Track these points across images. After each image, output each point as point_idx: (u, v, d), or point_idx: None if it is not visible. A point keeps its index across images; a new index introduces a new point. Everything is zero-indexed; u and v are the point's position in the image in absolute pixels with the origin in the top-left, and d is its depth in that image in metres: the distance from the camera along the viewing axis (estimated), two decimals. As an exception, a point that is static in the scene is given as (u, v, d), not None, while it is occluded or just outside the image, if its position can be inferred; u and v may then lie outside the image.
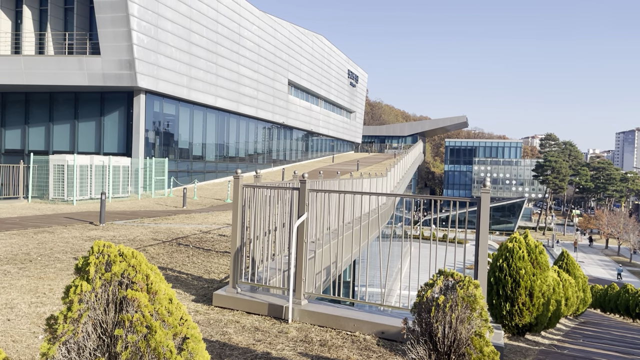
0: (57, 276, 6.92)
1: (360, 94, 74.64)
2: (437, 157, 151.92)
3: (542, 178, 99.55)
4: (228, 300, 6.01)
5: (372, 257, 17.75)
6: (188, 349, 2.33)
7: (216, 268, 8.08)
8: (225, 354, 4.55)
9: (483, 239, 4.95)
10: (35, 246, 9.10)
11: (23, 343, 4.51)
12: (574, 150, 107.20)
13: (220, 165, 35.65)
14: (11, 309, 5.43)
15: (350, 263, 12.63)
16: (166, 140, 29.62)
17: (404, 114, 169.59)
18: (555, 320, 8.67)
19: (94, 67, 24.99)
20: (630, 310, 18.90)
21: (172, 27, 27.62)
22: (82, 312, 2.32)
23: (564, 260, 14.93)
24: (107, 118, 27.58)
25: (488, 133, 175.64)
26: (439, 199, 5.60)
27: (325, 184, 9.53)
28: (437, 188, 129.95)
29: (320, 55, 54.74)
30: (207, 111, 33.15)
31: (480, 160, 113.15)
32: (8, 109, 29.17)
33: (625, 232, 71.98)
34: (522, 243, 7.47)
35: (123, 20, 24.25)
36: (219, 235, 11.37)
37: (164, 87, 27.28)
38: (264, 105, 40.36)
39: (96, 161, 21.52)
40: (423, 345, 3.37)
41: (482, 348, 3.20)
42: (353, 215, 10.08)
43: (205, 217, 15.35)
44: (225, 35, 33.37)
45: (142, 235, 10.83)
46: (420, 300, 3.49)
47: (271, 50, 41.25)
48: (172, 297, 2.47)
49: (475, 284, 3.41)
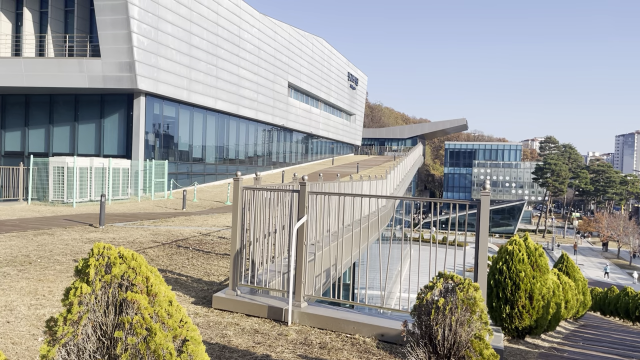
0: (57, 278, 6.92)
1: (360, 97, 74.70)
2: (436, 159, 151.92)
3: (541, 181, 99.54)
4: (228, 302, 6.00)
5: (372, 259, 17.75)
6: (188, 351, 2.33)
7: (216, 270, 8.07)
8: (225, 356, 4.55)
9: (483, 241, 4.95)
10: (35, 248, 9.09)
11: (22, 345, 4.51)
12: (573, 153, 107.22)
13: (220, 168, 35.65)
14: (11, 311, 5.43)
15: (350, 265, 12.62)
16: (166, 142, 29.62)
17: (404, 117, 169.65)
18: (555, 323, 8.66)
19: (94, 69, 25.01)
20: (630, 313, 18.88)
21: (172, 29, 27.65)
22: (82, 314, 2.32)
23: (564, 263, 14.92)
24: (107, 120, 27.59)
25: (488, 136, 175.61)
26: (438, 201, 5.60)
27: (325, 186, 9.53)
28: (436, 190, 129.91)
29: (320, 58, 54.80)
30: (207, 113, 33.17)
31: (480, 163, 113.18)
32: (8, 111, 29.18)
33: (625, 235, 71.96)
34: (522, 246, 7.47)
35: (123, 23, 24.28)
36: (219, 238, 11.36)
37: (164, 89, 27.30)
38: (263, 107, 40.38)
39: (96, 163, 21.52)
40: (423, 347, 3.37)
41: (481, 351, 3.19)
42: (353, 217, 10.08)
43: (205, 220, 15.35)
44: (225, 38, 33.41)
45: (141, 237, 10.82)
46: (420, 303, 3.48)
47: (271, 53, 41.29)
48: (172, 299, 2.47)
49: (475, 286, 3.41)
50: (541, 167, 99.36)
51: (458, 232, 5.83)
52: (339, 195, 6.58)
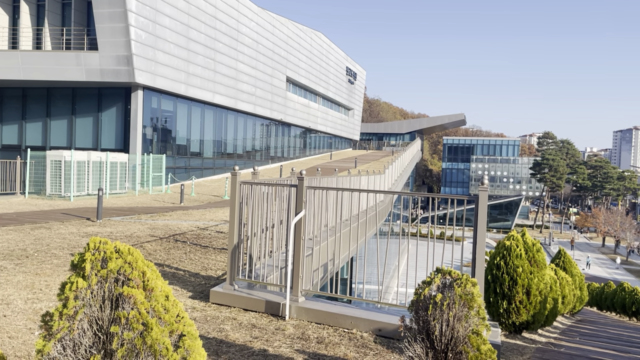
0: (54, 272, 6.90)
1: (359, 91, 74.58)
2: (434, 154, 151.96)
3: (539, 176, 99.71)
4: (225, 297, 6.00)
5: (370, 254, 17.77)
6: (184, 346, 2.32)
7: (213, 265, 8.06)
8: (222, 350, 4.54)
9: (480, 236, 4.94)
10: (32, 242, 9.07)
11: (19, 339, 4.50)
12: (571, 149, 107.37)
13: (218, 162, 35.60)
14: (7, 305, 5.42)
15: (348, 260, 12.63)
16: (164, 136, 29.55)
17: (402, 112, 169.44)
18: (552, 318, 8.68)
19: (91, 62, 24.89)
20: (627, 309, 18.97)
21: (170, 23, 27.52)
22: (78, 308, 2.31)
23: (561, 258, 14.96)
24: (105, 114, 27.50)
25: (486, 131, 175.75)
26: (436, 196, 5.59)
27: (323, 181, 9.52)
28: (434, 186, 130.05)
29: (319, 52, 54.64)
30: (205, 107, 33.09)
31: (478, 158, 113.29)
32: (5, 104, 29.07)
33: (622, 231, 72.18)
34: (520, 241, 7.48)
35: (121, 16, 24.15)
36: (217, 232, 11.35)
37: (162, 83, 27.20)
38: (262, 102, 40.30)
39: (93, 157, 21.46)
40: (420, 343, 3.36)
41: (479, 346, 3.19)
42: (350, 212, 10.08)
43: (203, 214, 15.33)
44: (223, 32, 33.28)
45: (139, 231, 10.81)
46: (417, 298, 3.48)
47: (269, 47, 41.15)
48: (169, 294, 2.46)
49: (473, 282, 3.40)
50: (539, 162, 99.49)
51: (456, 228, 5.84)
52: (336, 190, 6.57)
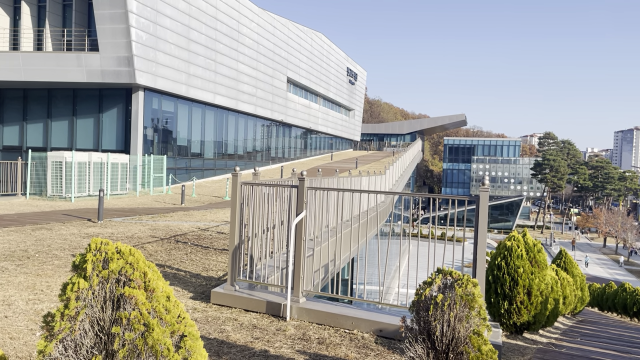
0: (55, 273, 6.91)
1: (359, 92, 74.59)
2: (435, 155, 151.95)
3: (540, 177, 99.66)
4: (226, 297, 6.00)
5: (371, 255, 17.76)
6: (185, 346, 2.33)
7: (214, 265, 8.06)
8: (223, 351, 4.55)
9: (481, 237, 4.94)
10: (33, 243, 9.08)
11: (20, 340, 4.50)
12: (572, 149, 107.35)
13: (219, 163, 35.61)
14: (9, 306, 5.42)
15: (349, 261, 12.63)
16: (165, 137, 29.57)
17: (403, 112, 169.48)
18: (553, 318, 8.68)
19: (92, 63, 24.92)
20: (628, 309, 18.95)
21: (170, 24, 27.55)
22: (79, 309, 2.31)
23: (562, 258, 14.94)
24: (106, 115, 27.53)
25: (487, 131, 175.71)
26: (437, 197, 5.59)
27: (324, 181, 9.52)
28: (435, 186, 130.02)
29: (319, 53, 54.67)
30: (206, 108, 33.11)
31: (478, 159, 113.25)
32: (6, 106, 29.11)
33: (623, 231, 72.12)
34: (521, 241, 7.47)
35: (122, 17, 24.18)
36: (218, 233, 11.36)
37: (163, 84, 27.22)
38: (262, 102, 40.31)
39: (94, 158, 21.48)
40: (421, 343, 3.36)
41: (480, 346, 3.19)
42: (351, 213, 10.08)
43: (204, 215, 15.33)
44: (224, 33, 33.30)
45: (140, 232, 10.81)
46: (418, 299, 3.48)
47: (270, 48, 41.17)
48: (170, 294, 2.46)
49: (474, 282, 3.40)
50: (540, 162, 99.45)
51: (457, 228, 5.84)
52: (337, 191, 6.57)
